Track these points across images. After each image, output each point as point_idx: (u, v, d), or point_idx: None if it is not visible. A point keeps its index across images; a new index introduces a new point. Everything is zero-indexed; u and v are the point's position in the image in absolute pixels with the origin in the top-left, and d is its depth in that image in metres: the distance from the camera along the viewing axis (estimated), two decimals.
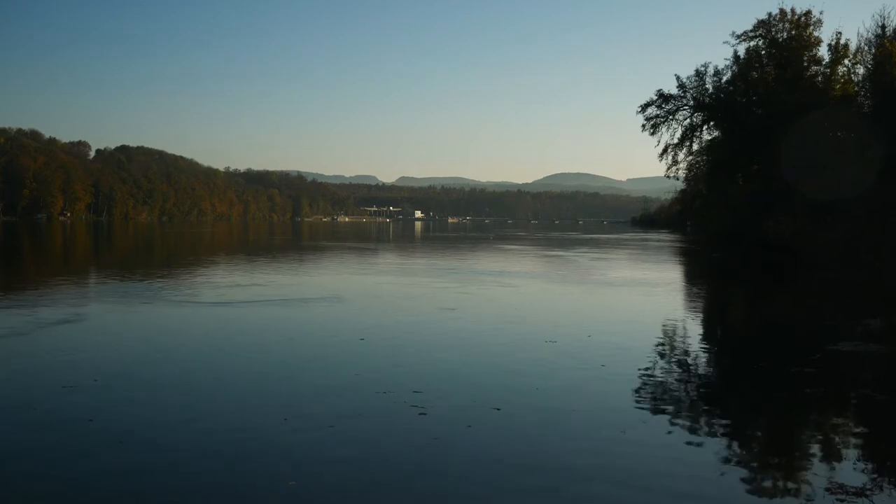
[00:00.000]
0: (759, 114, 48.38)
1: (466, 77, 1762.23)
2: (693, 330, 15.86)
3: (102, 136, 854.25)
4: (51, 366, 10.63)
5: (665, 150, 53.69)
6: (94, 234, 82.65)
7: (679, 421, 8.28)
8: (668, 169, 54.92)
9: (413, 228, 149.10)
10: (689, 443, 7.50)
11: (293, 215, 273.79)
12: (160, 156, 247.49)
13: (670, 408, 8.82)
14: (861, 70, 44.14)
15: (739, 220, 45.44)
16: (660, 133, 53.37)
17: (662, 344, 13.66)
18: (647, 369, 10.89)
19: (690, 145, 54.08)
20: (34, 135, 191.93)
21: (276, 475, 6.40)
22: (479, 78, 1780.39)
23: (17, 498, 5.93)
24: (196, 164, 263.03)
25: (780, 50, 48.32)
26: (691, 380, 10.67)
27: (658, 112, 53.08)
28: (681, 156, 54.27)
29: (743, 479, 6.53)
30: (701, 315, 18.90)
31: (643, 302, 20.58)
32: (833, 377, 10.92)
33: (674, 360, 12.11)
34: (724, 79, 52.26)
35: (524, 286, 24.88)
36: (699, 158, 57.77)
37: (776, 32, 48.94)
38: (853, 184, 32.54)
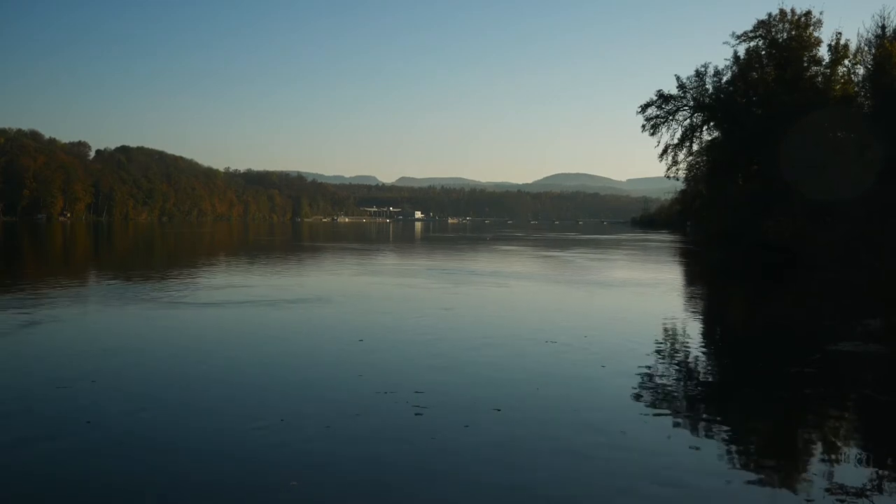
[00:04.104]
0: (758, 114, 48.39)
1: (466, 77, 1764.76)
2: (693, 330, 15.85)
3: (102, 136, 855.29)
4: (48, 366, 10.63)
5: (665, 151, 53.75)
6: (94, 235, 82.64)
7: (679, 421, 8.28)
8: (668, 169, 54.98)
9: (413, 229, 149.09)
10: (689, 443, 7.49)
11: (293, 216, 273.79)
12: (160, 156, 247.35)
13: (670, 408, 8.81)
14: (861, 70, 44.19)
15: (739, 220, 45.44)
16: (660, 133, 53.47)
17: (662, 344, 13.65)
18: (647, 369, 10.88)
19: (690, 145, 54.16)
20: (34, 135, 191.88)
21: (276, 475, 6.39)
22: (479, 78, 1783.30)
23: (15, 499, 5.92)
24: (196, 164, 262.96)
25: (780, 50, 48.34)
26: (691, 380, 10.66)
27: (658, 112, 53.14)
28: (681, 156, 54.36)
29: (743, 479, 6.52)
30: (701, 315, 18.89)
31: (643, 302, 20.57)
32: (833, 377, 10.92)
33: (674, 360, 12.10)
34: (724, 79, 52.33)
35: (523, 287, 24.88)
36: (699, 159, 57.82)
37: (776, 33, 48.96)
38: (853, 184, 32.54)
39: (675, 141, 53.41)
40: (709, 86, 52.73)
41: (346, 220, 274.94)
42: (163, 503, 5.88)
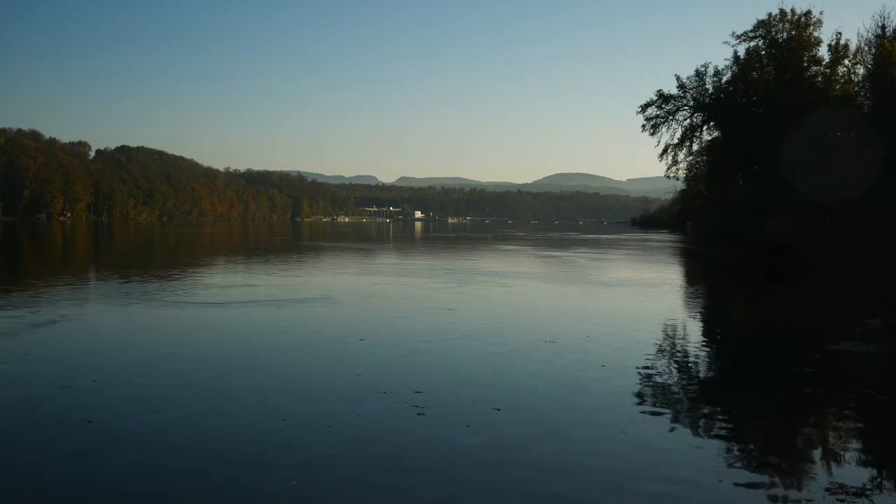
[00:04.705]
0: (758, 114, 48.45)
1: (466, 77, 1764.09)
2: (693, 330, 15.85)
3: (102, 136, 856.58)
4: (50, 365, 10.63)
5: (665, 151, 53.86)
6: (95, 235, 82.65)
7: (679, 421, 8.28)
8: (668, 169, 55.10)
9: (413, 229, 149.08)
10: (689, 443, 7.50)
11: (293, 215, 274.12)
12: (160, 156, 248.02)
13: (670, 408, 8.81)
14: (861, 70, 44.27)
15: (739, 220, 45.46)
16: (660, 133, 53.59)
17: (662, 344, 13.66)
18: (647, 369, 10.88)
19: (690, 145, 54.27)
20: (34, 135, 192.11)
21: (276, 475, 6.40)
22: (479, 78, 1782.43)
23: (17, 498, 5.93)
24: (196, 164, 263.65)
25: (780, 50, 48.38)
26: (691, 380, 10.67)
27: (658, 112, 53.24)
28: (681, 156, 54.50)
29: (743, 479, 6.52)
30: (701, 315, 18.90)
31: (643, 302, 20.57)
32: (833, 377, 10.92)
33: (674, 360, 12.11)
34: (724, 79, 52.41)
35: (523, 287, 24.87)
36: (699, 158, 57.91)
37: (776, 33, 49.01)
38: (853, 183, 32.55)
39: (675, 141, 53.55)
40: (709, 86, 52.84)
41: (346, 219, 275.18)
42: (162, 503, 5.88)
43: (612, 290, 23.97)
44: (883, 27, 39.64)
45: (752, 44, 50.32)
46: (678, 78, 52.75)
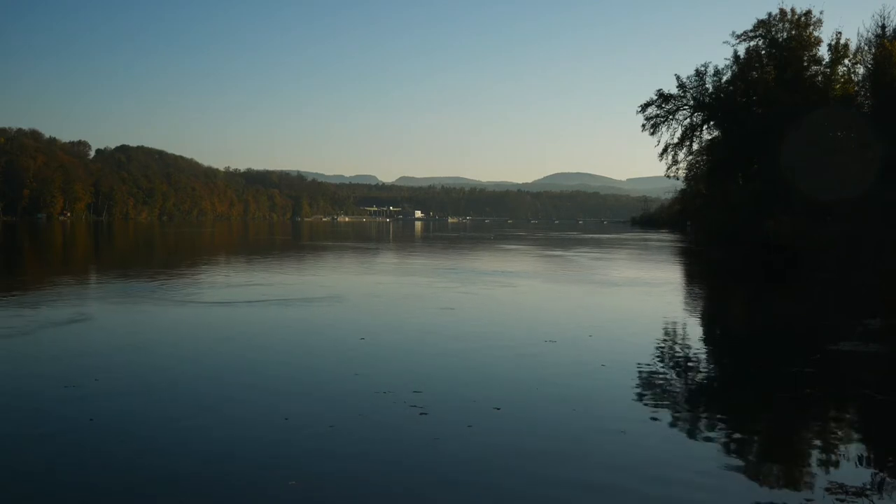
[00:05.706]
0: (759, 113, 48.48)
1: (466, 77, 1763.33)
2: (693, 330, 15.86)
3: (102, 136, 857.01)
4: (53, 365, 10.64)
5: (665, 150, 53.90)
6: (96, 235, 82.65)
7: (679, 421, 8.29)
8: (668, 169, 55.15)
9: (413, 228, 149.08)
10: (689, 442, 7.51)
11: (293, 215, 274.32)
12: (160, 156, 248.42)
13: (670, 408, 8.82)
14: (861, 70, 44.32)
15: (739, 220, 45.48)
16: (660, 133, 53.63)
17: (662, 344, 13.66)
18: (647, 369, 10.89)
19: (690, 145, 54.31)
20: (34, 135, 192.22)
21: (276, 475, 6.40)
22: (479, 78, 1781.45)
23: (18, 497, 5.93)
24: (196, 164, 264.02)
25: (780, 50, 48.42)
26: (691, 380, 10.67)
27: (658, 112, 53.27)
28: (681, 155, 54.55)
29: (743, 479, 6.52)
30: (701, 315, 18.90)
31: (643, 302, 20.58)
32: (833, 377, 10.93)
33: (674, 360, 12.11)
34: (724, 78, 52.44)
35: (524, 286, 24.87)
36: (699, 158, 57.94)
37: (776, 32, 49.06)
38: (853, 183, 32.59)
39: (675, 140, 53.59)
40: (709, 85, 52.87)
41: (346, 219, 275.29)
42: (160, 502, 5.89)
43: (612, 289, 23.97)
44: (883, 27, 39.69)
45: (752, 43, 50.43)
46: (678, 78, 52.84)
